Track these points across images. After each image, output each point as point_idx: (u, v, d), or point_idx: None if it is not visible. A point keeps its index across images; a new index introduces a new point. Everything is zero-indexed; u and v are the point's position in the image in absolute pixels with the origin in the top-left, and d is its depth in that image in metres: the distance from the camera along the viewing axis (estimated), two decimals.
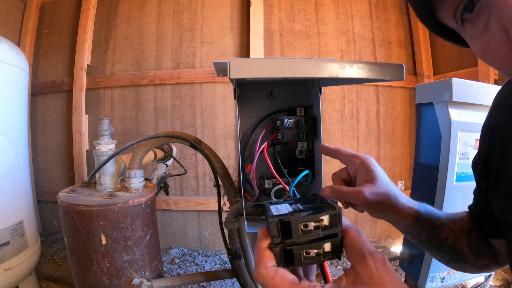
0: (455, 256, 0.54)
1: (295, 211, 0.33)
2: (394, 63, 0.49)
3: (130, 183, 0.93)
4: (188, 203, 2.15)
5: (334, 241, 0.32)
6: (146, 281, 0.90)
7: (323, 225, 0.31)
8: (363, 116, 2.22)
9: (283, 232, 0.32)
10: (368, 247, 0.29)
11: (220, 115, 2.16)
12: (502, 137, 0.45)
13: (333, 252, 0.32)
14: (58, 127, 2.32)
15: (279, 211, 0.34)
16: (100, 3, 2.25)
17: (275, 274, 0.30)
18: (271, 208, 0.35)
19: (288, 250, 0.31)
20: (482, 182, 0.50)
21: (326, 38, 2.19)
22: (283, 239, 0.32)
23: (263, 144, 0.68)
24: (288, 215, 0.32)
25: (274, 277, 0.29)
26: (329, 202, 0.35)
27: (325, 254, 0.32)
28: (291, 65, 0.46)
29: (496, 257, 0.53)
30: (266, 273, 0.30)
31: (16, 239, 1.32)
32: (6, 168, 1.31)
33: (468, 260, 0.53)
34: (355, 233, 0.31)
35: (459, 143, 1.07)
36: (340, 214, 0.32)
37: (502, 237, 0.49)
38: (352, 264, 0.30)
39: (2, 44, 1.27)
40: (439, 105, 1.10)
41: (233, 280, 1.71)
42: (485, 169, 0.48)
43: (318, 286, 0.29)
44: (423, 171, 1.17)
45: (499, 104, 0.48)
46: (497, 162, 0.45)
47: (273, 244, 0.32)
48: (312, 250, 0.31)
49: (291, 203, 0.38)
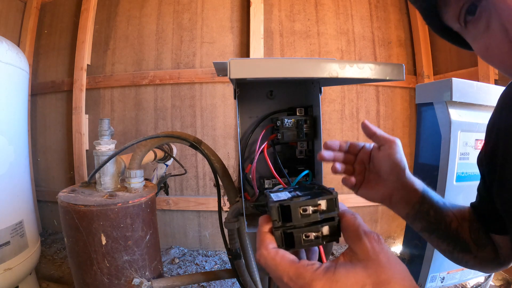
0: (459, 244, 0.54)
1: (294, 197, 0.35)
2: (394, 63, 0.49)
3: (130, 183, 0.93)
4: (188, 203, 2.15)
5: (332, 224, 0.33)
6: (146, 281, 0.90)
7: (321, 209, 0.33)
8: (363, 116, 2.22)
9: (283, 216, 0.33)
10: (364, 228, 0.31)
11: (220, 115, 2.16)
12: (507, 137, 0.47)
13: (331, 235, 0.34)
14: (58, 127, 2.32)
15: (279, 198, 0.35)
16: (100, 3, 2.25)
17: (276, 254, 0.31)
18: (272, 196, 0.37)
19: (289, 233, 0.33)
20: (487, 178, 0.51)
21: (326, 38, 2.19)
22: (283, 223, 0.33)
23: (263, 144, 0.68)
24: (288, 200, 0.34)
25: (275, 257, 0.31)
26: (326, 189, 0.37)
27: (323, 237, 0.33)
28: (291, 65, 0.46)
29: (497, 252, 0.54)
30: (267, 254, 0.32)
31: (16, 239, 1.32)
32: (6, 168, 1.31)
33: (471, 250, 0.54)
34: (351, 216, 0.33)
35: (459, 143, 1.07)
36: (336, 198, 0.34)
37: (506, 233, 0.50)
38: (349, 244, 0.31)
39: (2, 44, 1.27)
40: (439, 105, 1.10)
41: (233, 280, 1.71)
42: (490, 166, 0.50)
43: (317, 264, 0.30)
44: (423, 171, 1.17)
45: (504, 105, 0.49)
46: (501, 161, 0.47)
47: (274, 228, 0.34)
48: (311, 233, 0.33)
49: (290, 190, 0.39)
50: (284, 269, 0.30)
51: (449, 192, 1.07)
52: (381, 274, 0.28)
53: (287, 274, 0.30)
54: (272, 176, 0.66)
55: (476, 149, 1.12)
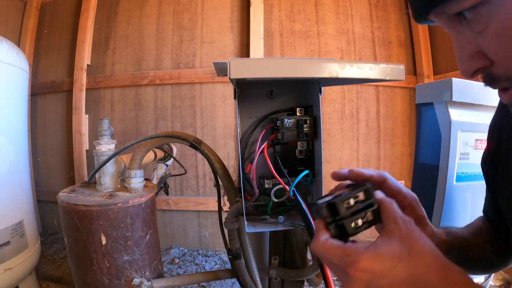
0: (481, 266, 0.55)
1: (335, 196, 0.40)
2: (394, 63, 0.49)
3: (130, 183, 0.93)
4: (188, 203, 2.15)
5: (373, 209, 0.40)
6: (146, 281, 0.90)
7: (361, 199, 0.40)
8: (363, 116, 2.22)
9: (332, 213, 0.39)
10: (399, 212, 0.37)
11: (220, 115, 2.16)
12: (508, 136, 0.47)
13: (374, 219, 0.40)
14: (58, 127, 2.32)
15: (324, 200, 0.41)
16: (100, 3, 2.25)
17: (326, 242, 0.37)
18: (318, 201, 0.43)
19: (340, 225, 0.39)
20: (491, 177, 0.51)
21: (326, 38, 2.19)
22: (333, 217, 0.39)
23: (263, 144, 0.68)
24: (332, 199, 0.39)
25: (325, 244, 0.37)
26: (360, 183, 0.43)
27: (369, 222, 0.40)
28: (291, 65, 0.46)
29: None
30: (318, 242, 0.38)
31: (16, 239, 1.32)
32: (6, 168, 1.31)
33: (494, 265, 0.55)
34: (388, 202, 0.38)
35: (459, 143, 1.07)
36: (370, 187, 0.40)
37: None
38: (386, 225, 0.37)
39: (2, 44, 1.27)
40: (439, 105, 1.10)
41: (233, 280, 1.71)
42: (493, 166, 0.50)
43: (360, 244, 0.35)
44: (423, 171, 1.17)
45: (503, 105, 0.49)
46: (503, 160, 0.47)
47: (328, 224, 0.39)
48: (359, 220, 0.39)
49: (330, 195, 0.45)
50: (333, 252, 0.36)
51: (449, 192, 1.07)
52: (414, 247, 0.33)
53: (337, 255, 0.35)
54: (272, 176, 0.66)
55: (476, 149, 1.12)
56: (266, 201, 0.75)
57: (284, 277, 0.94)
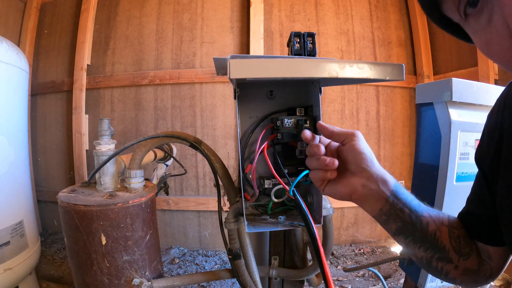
0: (438, 250, 0.50)
1: None
2: (394, 63, 0.49)
3: (130, 183, 0.93)
4: (188, 203, 2.15)
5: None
6: (146, 281, 0.90)
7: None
8: (363, 116, 2.22)
9: None
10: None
11: (220, 115, 2.16)
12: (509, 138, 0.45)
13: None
14: (58, 127, 2.32)
15: None
16: (100, 3, 2.25)
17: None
18: None
19: None
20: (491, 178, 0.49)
21: (326, 38, 2.19)
22: None
23: (263, 144, 0.68)
24: None
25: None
26: None
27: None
28: (291, 65, 0.46)
29: (481, 263, 0.51)
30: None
31: (16, 239, 1.32)
32: (6, 168, 1.31)
33: (452, 259, 0.50)
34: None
35: (459, 143, 1.07)
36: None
37: (500, 244, 0.48)
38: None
39: (2, 44, 1.27)
40: (439, 105, 1.10)
41: (233, 280, 1.71)
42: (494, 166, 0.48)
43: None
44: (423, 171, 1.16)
45: (504, 104, 0.48)
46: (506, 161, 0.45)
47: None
48: None
49: None
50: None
51: (449, 192, 1.07)
52: None
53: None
54: (272, 176, 0.66)
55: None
56: (266, 201, 0.75)
57: (284, 277, 0.94)
